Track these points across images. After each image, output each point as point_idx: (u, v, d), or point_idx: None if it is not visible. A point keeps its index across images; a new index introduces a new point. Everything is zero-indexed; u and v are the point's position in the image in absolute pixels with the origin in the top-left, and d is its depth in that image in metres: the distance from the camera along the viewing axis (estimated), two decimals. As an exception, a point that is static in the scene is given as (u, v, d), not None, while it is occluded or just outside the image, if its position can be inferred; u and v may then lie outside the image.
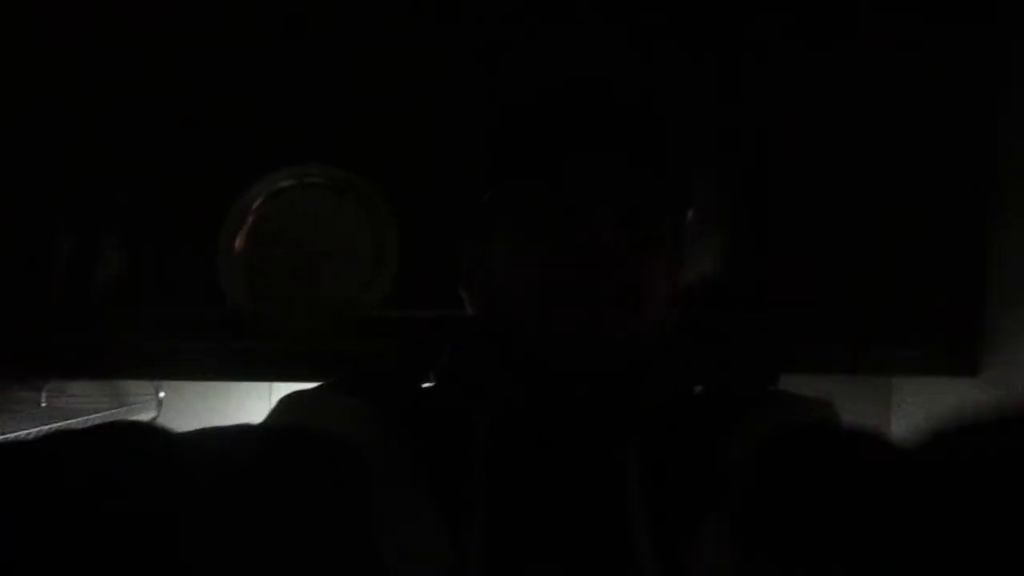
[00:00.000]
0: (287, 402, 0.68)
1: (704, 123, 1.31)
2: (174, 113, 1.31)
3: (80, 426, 1.63)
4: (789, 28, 1.33)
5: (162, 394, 1.80)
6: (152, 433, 0.51)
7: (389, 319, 1.27)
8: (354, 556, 0.55)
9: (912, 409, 1.70)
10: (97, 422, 1.63)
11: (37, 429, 1.50)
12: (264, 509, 0.50)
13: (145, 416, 1.79)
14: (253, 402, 1.79)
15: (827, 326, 1.33)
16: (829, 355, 1.34)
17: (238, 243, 1.21)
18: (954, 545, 0.41)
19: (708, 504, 0.62)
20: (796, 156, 1.33)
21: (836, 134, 1.34)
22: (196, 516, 0.45)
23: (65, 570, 0.38)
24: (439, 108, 1.30)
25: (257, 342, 1.29)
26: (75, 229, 1.30)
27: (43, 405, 1.73)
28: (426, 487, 0.62)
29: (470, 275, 0.75)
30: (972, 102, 1.34)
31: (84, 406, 1.73)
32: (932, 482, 0.45)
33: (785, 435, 0.64)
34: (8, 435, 1.48)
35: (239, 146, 1.30)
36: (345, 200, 1.24)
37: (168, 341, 1.31)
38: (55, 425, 1.58)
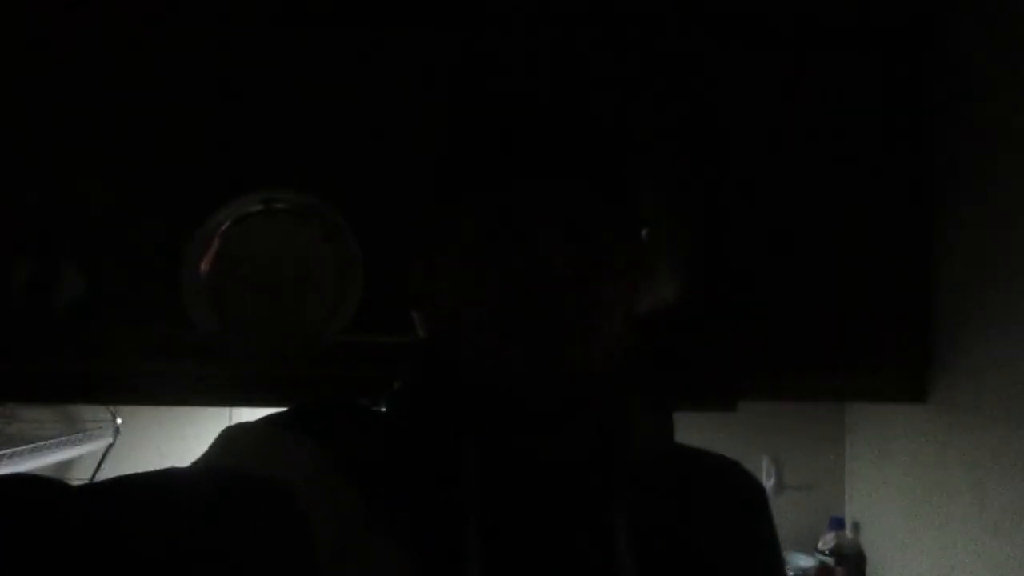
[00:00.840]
0: (229, 438, 0.63)
1: (662, 149, 1.35)
2: (140, 137, 1.31)
3: (31, 453, 1.60)
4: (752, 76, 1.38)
5: (119, 420, 1.77)
6: (54, 491, 0.47)
7: (353, 344, 1.27)
8: None
9: (865, 434, 1.74)
10: (51, 448, 1.61)
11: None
12: (198, 564, 0.48)
13: (101, 443, 1.76)
14: (212, 428, 1.76)
15: (781, 353, 1.36)
16: (784, 381, 1.37)
17: (204, 267, 1.21)
18: None
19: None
20: (754, 185, 1.38)
21: (792, 167, 1.39)
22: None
23: None
24: (401, 134, 1.32)
25: (219, 367, 1.29)
26: (34, 252, 1.28)
27: (-6, 431, 1.70)
28: (387, 531, 0.59)
29: (421, 297, 0.72)
30: (912, 150, 1.41)
31: (38, 432, 1.70)
32: None
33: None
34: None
35: (205, 171, 1.31)
36: (311, 226, 1.24)
37: (127, 366, 1.29)
38: (6, 451, 1.55)
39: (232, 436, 0.63)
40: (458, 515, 0.61)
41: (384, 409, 0.71)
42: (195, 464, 0.60)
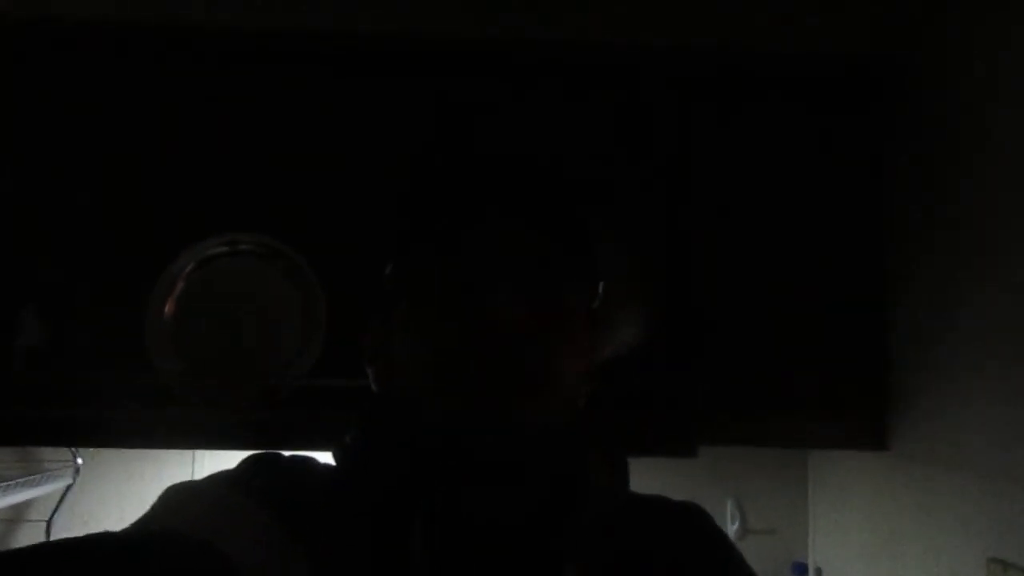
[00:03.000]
0: (173, 498, 0.60)
1: (621, 198, 1.37)
2: (102, 180, 1.32)
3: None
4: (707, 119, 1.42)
5: (80, 461, 1.75)
6: None
7: (317, 387, 1.27)
8: None
9: (828, 480, 1.76)
10: (10, 489, 1.58)
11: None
12: None
13: (61, 484, 1.73)
14: (175, 469, 1.74)
15: (742, 400, 1.38)
16: (744, 427, 1.38)
17: (167, 309, 1.21)
18: None
19: None
20: (714, 232, 1.40)
21: (752, 214, 1.42)
22: None
23: None
24: (366, 180, 1.33)
25: (182, 410, 1.28)
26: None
27: (-49, 472, 1.66)
28: None
29: (375, 351, 0.70)
30: (868, 201, 1.45)
31: (-5, 473, 1.67)
32: None
33: None
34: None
35: (170, 213, 1.31)
36: (274, 268, 1.25)
37: (89, 408, 1.28)
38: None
39: (176, 496, 0.61)
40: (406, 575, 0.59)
41: (334, 463, 0.69)
42: (134, 526, 0.58)
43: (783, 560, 1.75)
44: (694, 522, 0.73)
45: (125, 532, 0.56)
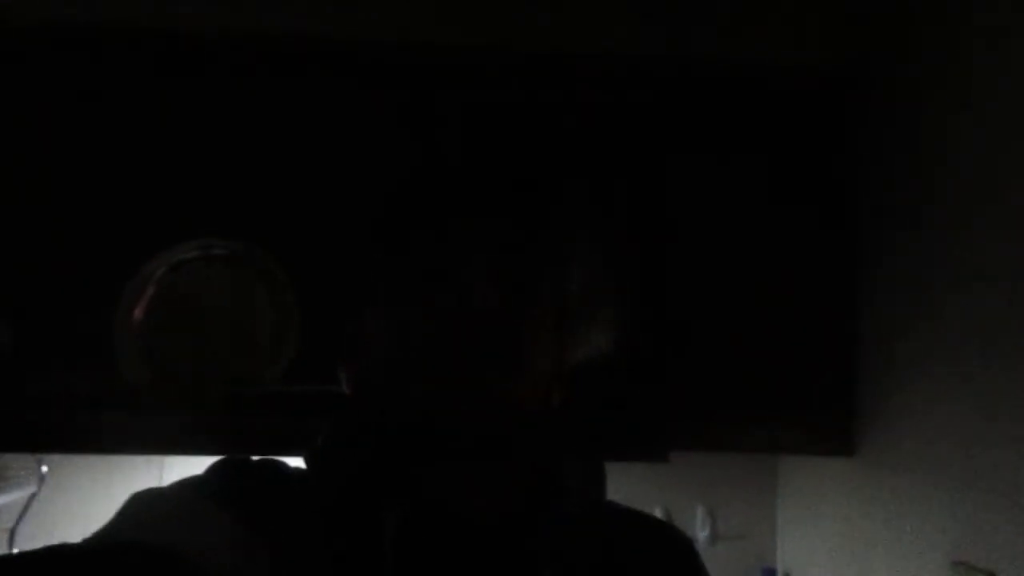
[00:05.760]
0: (139, 506, 0.60)
1: (598, 199, 1.38)
2: (72, 184, 1.30)
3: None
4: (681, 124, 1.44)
5: (44, 468, 1.72)
6: None
7: (289, 394, 1.26)
8: None
9: (796, 486, 1.78)
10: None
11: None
12: None
13: (25, 492, 1.70)
14: (142, 477, 1.72)
15: (713, 406, 1.39)
16: (715, 433, 1.40)
17: (138, 313, 1.19)
18: None
19: None
20: (688, 242, 1.42)
21: (726, 226, 1.44)
22: None
23: None
24: (339, 186, 1.33)
25: (150, 415, 1.26)
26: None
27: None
28: None
29: (350, 348, 0.71)
30: (837, 214, 1.47)
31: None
32: None
33: None
34: None
35: (143, 217, 1.30)
36: (248, 273, 1.24)
37: (55, 413, 1.26)
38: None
39: (140, 503, 0.60)
40: None
41: (305, 466, 0.69)
42: (97, 535, 0.57)
43: (752, 565, 1.76)
44: (670, 542, 0.74)
45: (87, 542, 0.56)
